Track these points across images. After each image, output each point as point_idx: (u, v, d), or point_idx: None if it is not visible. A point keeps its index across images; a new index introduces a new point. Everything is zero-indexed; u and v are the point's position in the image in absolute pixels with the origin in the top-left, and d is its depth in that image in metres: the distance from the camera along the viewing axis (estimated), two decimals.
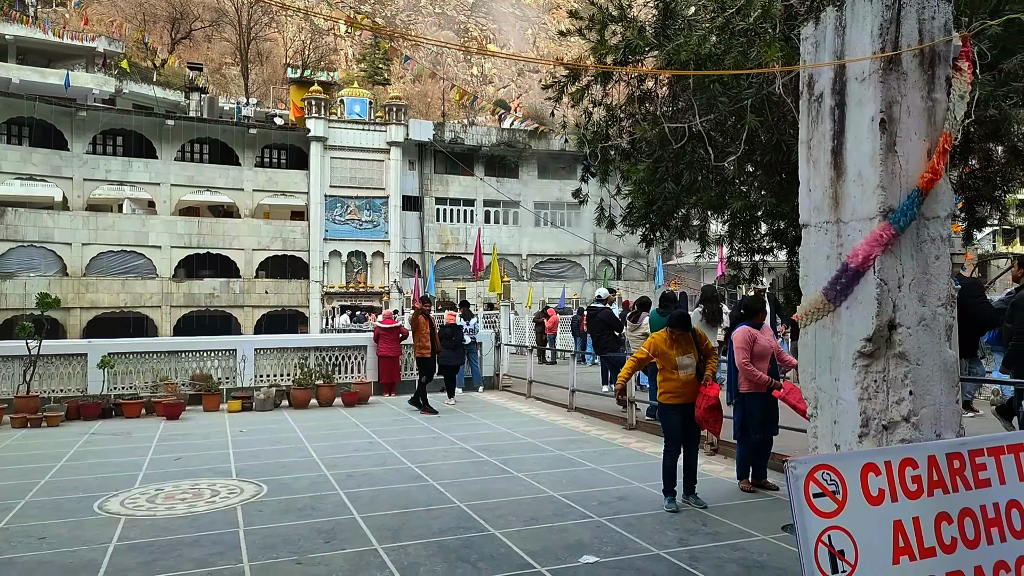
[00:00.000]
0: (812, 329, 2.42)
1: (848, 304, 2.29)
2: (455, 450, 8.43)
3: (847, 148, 2.33)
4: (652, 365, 9.25)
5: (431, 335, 11.88)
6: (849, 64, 2.29)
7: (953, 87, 2.28)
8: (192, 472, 7.36)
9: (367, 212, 40.69)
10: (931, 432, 2.25)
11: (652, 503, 6.05)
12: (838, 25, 2.36)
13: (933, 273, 2.26)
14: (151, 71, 51.93)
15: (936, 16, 2.30)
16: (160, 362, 12.11)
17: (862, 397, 2.26)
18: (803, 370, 2.50)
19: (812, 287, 2.44)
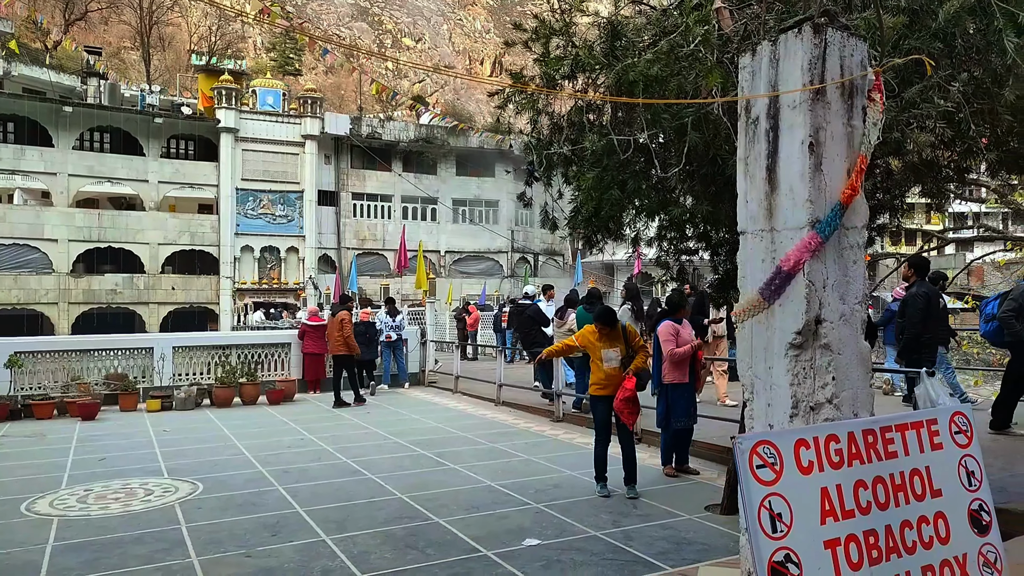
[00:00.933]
0: (749, 324, 2.76)
1: (781, 302, 2.63)
2: (389, 444, 8.56)
3: (780, 166, 2.67)
4: (582, 359, 9.68)
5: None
6: (782, 93, 2.63)
7: (868, 115, 2.66)
8: (120, 472, 7.22)
9: (281, 206, 39.80)
10: (850, 412, 2.62)
11: (585, 489, 6.39)
12: (772, 58, 2.71)
13: (851, 275, 2.64)
14: (42, 53, 48.97)
15: (854, 53, 2.67)
16: (71, 361, 11.64)
17: (792, 383, 2.61)
18: (740, 360, 2.84)
19: (749, 287, 2.78)
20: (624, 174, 3.64)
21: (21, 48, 42.14)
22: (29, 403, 10.60)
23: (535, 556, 4.76)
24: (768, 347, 2.70)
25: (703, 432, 7.37)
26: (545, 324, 10.73)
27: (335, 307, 12.73)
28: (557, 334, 9.94)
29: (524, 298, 11.10)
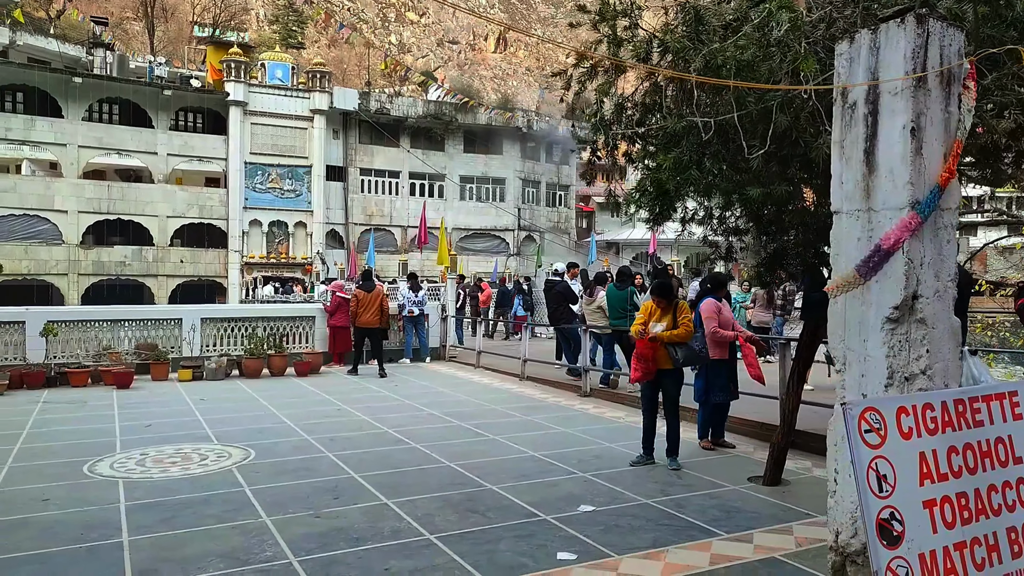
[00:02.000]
0: (842, 299, 2.92)
1: (878, 278, 2.79)
2: (424, 416, 8.76)
3: (879, 149, 2.82)
4: (609, 337, 9.86)
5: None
6: (884, 80, 2.77)
7: (963, 102, 2.80)
8: (169, 438, 7.41)
9: (289, 181, 39.79)
10: (941, 382, 2.79)
11: (626, 460, 6.58)
12: (872, 46, 2.84)
13: (945, 254, 2.80)
14: (46, 23, 48.64)
15: (952, 43, 2.80)
16: (102, 331, 11.81)
17: (888, 355, 2.77)
18: (832, 333, 3.00)
19: (843, 265, 2.93)
20: (700, 154, 3.77)
21: (25, 17, 41.85)
22: (64, 371, 10.78)
23: (592, 521, 4.95)
24: (863, 321, 2.86)
25: (734, 407, 7.56)
26: (573, 301, 10.88)
27: (362, 283, 12.97)
28: (586, 311, 10.11)
29: (553, 275, 11.24)
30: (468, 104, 43.52)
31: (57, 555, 4.32)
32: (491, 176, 45.81)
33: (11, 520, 4.90)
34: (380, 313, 12.47)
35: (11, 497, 5.41)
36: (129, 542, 4.53)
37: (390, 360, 14.12)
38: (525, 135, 46.08)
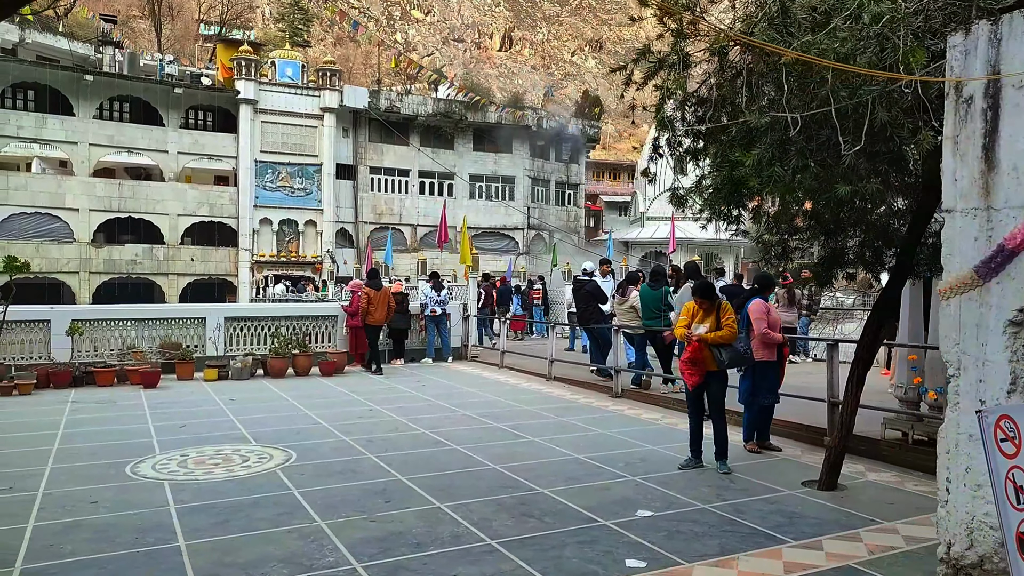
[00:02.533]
0: (956, 301, 2.82)
1: (999, 279, 2.69)
2: (458, 416, 8.66)
3: (1000, 145, 2.71)
4: (642, 337, 9.75)
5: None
6: (1004, 72, 2.66)
7: None
8: (207, 439, 7.33)
9: (299, 179, 39.73)
10: None
11: (672, 463, 6.48)
12: (992, 37, 2.73)
13: None
14: (54, 21, 48.63)
15: None
16: (126, 329, 11.74)
17: (1012, 359, 2.67)
18: (945, 336, 2.90)
19: (957, 265, 2.83)
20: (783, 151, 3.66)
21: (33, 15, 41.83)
22: (91, 370, 10.70)
23: (653, 527, 4.85)
24: (981, 324, 2.75)
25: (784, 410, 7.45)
26: (603, 301, 10.78)
27: (369, 281, 12.96)
28: (618, 311, 10.00)
29: (583, 275, 11.13)
30: (479, 102, 43.38)
31: (116, 559, 4.23)
32: (500, 174, 45.71)
33: (64, 523, 4.82)
34: (388, 311, 12.67)
35: (59, 499, 5.32)
36: (186, 546, 4.44)
37: (412, 360, 14.08)
38: (534, 133, 45.96)
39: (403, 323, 13.66)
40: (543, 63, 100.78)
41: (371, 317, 12.43)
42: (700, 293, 6.37)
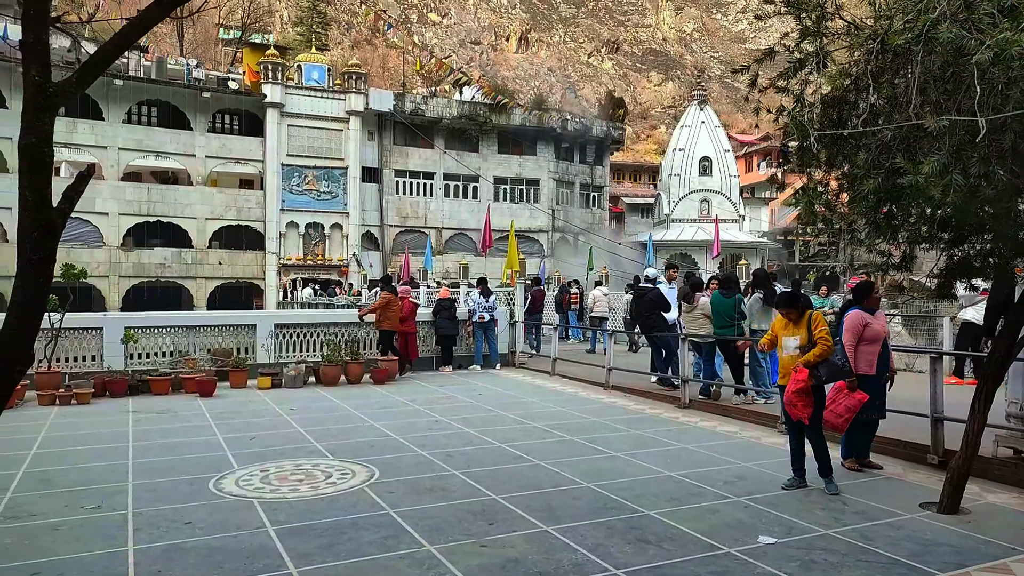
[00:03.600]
0: None
1: None
2: (528, 428, 8.43)
3: None
4: (711, 346, 9.49)
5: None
6: None
7: None
8: (282, 453, 7.14)
9: (325, 183, 39.77)
10: None
11: (771, 481, 6.21)
12: None
13: None
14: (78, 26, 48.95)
15: None
16: (179, 337, 11.62)
17: None
18: None
19: None
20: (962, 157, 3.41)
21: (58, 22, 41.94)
22: (146, 378, 10.57)
23: (782, 555, 4.59)
24: None
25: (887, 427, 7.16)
26: (666, 309, 10.51)
27: (385, 287, 12.86)
28: (685, 319, 9.73)
29: (644, 281, 10.86)
30: (506, 104, 43.17)
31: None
32: (525, 177, 45.54)
33: (164, 547, 4.63)
34: (400, 317, 12.61)
35: (152, 520, 5.14)
36: (298, 573, 4.23)
37: (459, 367, 13.88)
38: (559, 135, 45.76)
39: (451, 330, 13.49)
40: (559, 65, 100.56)
41: (388, 323, 12.36)
42: (785, 303, 6.09)
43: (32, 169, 2.63)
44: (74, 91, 2.82)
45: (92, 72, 2.88)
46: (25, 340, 2.63)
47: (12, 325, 2.59)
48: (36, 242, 2.60)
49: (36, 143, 2.60)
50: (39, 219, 2.65)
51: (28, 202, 2.64)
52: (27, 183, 2.62)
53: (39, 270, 2.65)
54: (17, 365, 2.60)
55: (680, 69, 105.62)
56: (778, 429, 8.21)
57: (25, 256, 2.67)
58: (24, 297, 2.59)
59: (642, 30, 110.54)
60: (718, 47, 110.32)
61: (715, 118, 52.05)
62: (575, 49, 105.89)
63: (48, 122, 2.70)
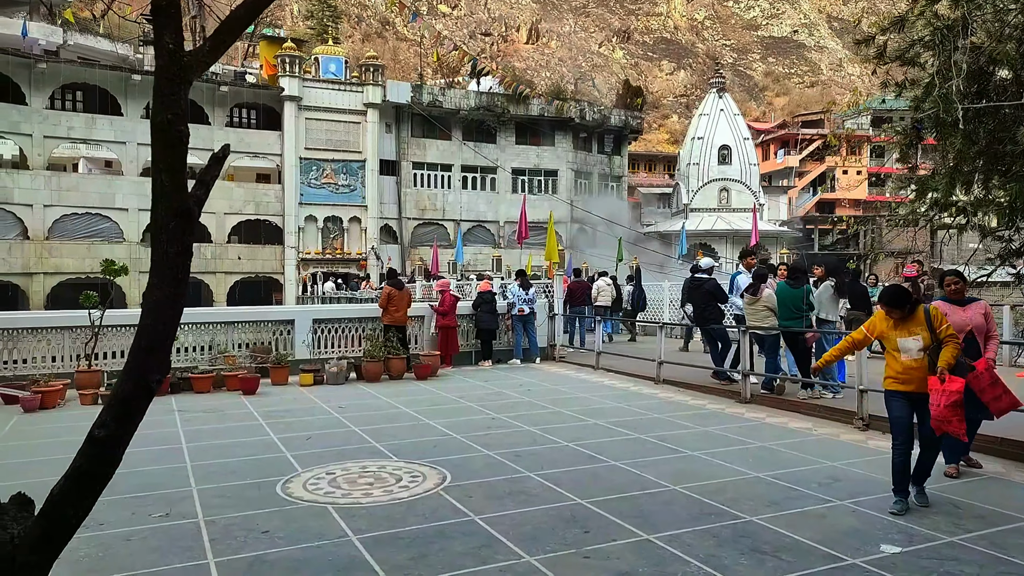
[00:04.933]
0: None
1: None
2: (591, 426, 8.09)
3: None
4: (774, 339, 9.09)
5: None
6: None
7: None
8: (342, 453, 6.84)
9: (344, 176, 39.50)
10: None
11: (871, 483, 5.85)
12: None
13: None
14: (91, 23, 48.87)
15: None
16: (217, 333, 11.35)
17: None
18: None
19: None
20: None
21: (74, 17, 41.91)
22: (187, 376, 10.30)
23: (913, 566, 4.24)
24: None
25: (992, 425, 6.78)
26: (723, 300, 10.15)
27: (391, 280, 12.58)
28: (748, 311, 9.34)
29: (698, 272, 10.48)
30: (523, 94, 42.65)
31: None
32: (543, 168, 45.12)
33: (247, 559, 4.32)
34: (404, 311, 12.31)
35: (227, 528, 4.84)
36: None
37: (499, 361, 13.56)
38: (577, 125, 45.27)
39: (492, 323, 13.17)
40: (570, 55, 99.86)
41: (389, 316, 12.05)
42: (888, 301, 5.32)
43: (168, 149, 2.31)
44: (208, 61, 2.49)
45: (224, 40, 2.56)
46: (163, 345, 2.32)
47: (149, 329, 2.28)
48: (173, 233, 2.28)
49: (172, 119, 2.28)
50: (176, 207, 2.33)
51: (164, 187, 2.32)
52: (163, 165, 2.31)
53: (176, 264, 2.33)
54: (155, 374, 2.29)
55: (692, 58, 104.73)
56: (854, 425, 7.85)
57: (161, 249, 2.35)
58: (161, 296, 2.28)
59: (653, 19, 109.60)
60: (730, 35, 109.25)
61: (734, 106, 51.44)
62: (586, 39, 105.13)
63: (184, 96, 2.38)
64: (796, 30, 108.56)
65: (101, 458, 2.23)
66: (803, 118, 73.95)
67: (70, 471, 2.23)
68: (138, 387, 2.23)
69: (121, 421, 2.24)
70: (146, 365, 2.25)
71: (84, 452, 2.21)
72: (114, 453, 2.28)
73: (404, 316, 12.21)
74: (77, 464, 2.22)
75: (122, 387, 2.25)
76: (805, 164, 68.64)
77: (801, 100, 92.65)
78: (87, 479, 2.25)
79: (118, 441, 2.26)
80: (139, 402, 2.26)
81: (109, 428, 2.22)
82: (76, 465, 2.22)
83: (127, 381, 2.25)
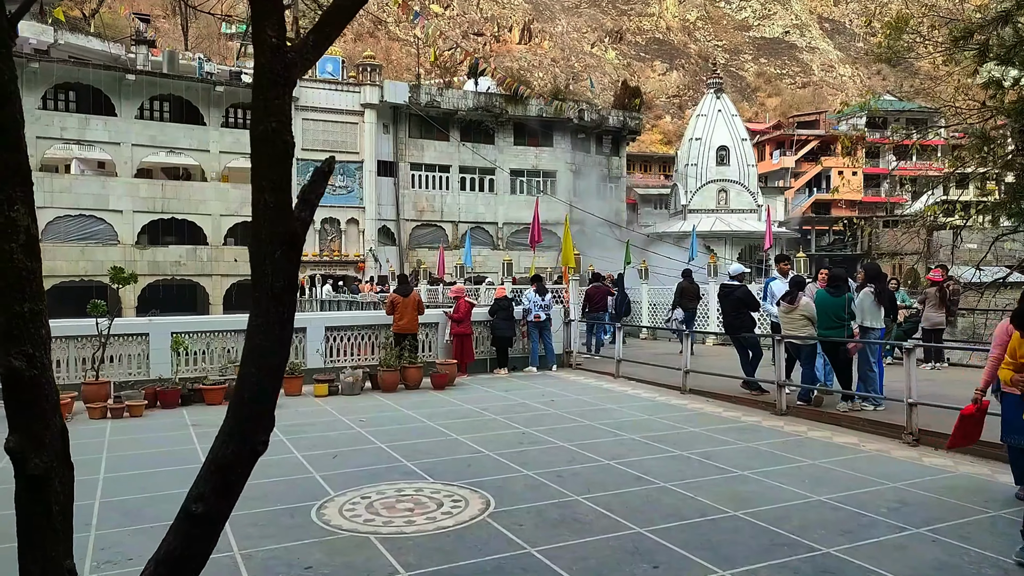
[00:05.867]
0: None
1: None
2: (628, 441, 7.75)
3: None
4: (811, 348, 8.76)
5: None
6: None
7: None
8: (374, 474, 6.46)
9: (341, 177, 39.05)
10: None
11: (943, 508, 5.52)
12: None
13: None
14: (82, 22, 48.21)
15: None
16: (226, 341, 10.95)
17: None
18: None
19: None
20: None
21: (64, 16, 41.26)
22: (198, 388, 9.90)
23: None
24: None
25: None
26: (755, 308, 9.82)
27: (398, 286, 12.20)
28: (783, 319, 9.02)
29: (729, 278, 10.15)
30: (522, 94, 42.27)
31: None
32: (541, 168, 44.79)
33: None
34: (411, 319, 11.89)
35: (266, 563, 4.47)
36: None
37: (514, 368, 13.21)
38: (576, 126, 44.95)
39: (508, 331, 12.81)
40: (563, 55, 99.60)
41: (395, 324, 11.71)
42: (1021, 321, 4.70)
43: (273, 164, 1.96)
44: (313, 58, 2.14)
45: (329, 34, 2.20)
46: (270, 398, 1.95)
47: (251, 380, 1.92)
48: (280, 264, 1.91)
49: (277, 128, 1.92)
50: (283, 232, 1.96)
51: (269, 209, 1.96)
52: (267, 183, 1.96)
53: (283, 302, 1.96)
54: (262, 434, 1.92)
55: (684, 58, 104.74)
56: (903, 441, 7.53)
57: (266, 284, 1.98)
58: (267, 342, 1.91)
59: (645, 19, 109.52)
60: (722, 35, 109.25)
61: (731, 107, 51.26)
62: (578, 39, 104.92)
63: (288, 100, 2.02)
64: (788, 31, 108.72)
65: (200, 537, 1.87)
66: (798, 119, 74.07)
67: (163, 555, 1.86)
68: (241, 451, 1.87)
69: (222, 494, 1.88)
70: (251, 424, 1.88)
71: (179, 531, 1.85)
72: (213, 530, 1.91)
73: (411, 323, 11.79)
74: (172, 546, 1.85)
75: (222, 451, 1.88)
76: (801, 165, 68.74)
77: (793, 101, 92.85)
78: (184, 564, 1.88)
79: (218, 517, 1.90)
80: (242, 468, 1.89)
81: (208, 502, 1.87)
82: (171, 548, 1.85)
83: (228, 444, 1.88)
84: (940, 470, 6.57)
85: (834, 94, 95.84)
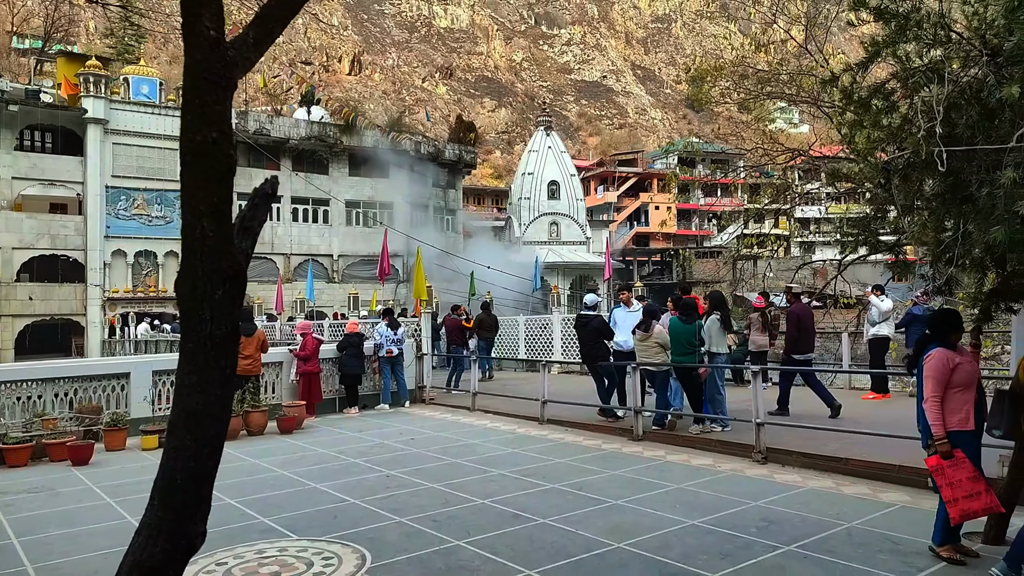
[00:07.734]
0: None
1: None
2: (498, 478, 7.54)
3: None
4: (664, 375, 9.05)
5: None
6: None
7: None
8: (229, 535, 5.77)
9: (158, 207, 36.24)
10: None
11: (806, 524, 5.80)
12: None
13: None
14: None
15: None
16: (31, 391, 9.53)
17: None
18: None
19: None
20: None
21: None
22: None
23: None
24: None
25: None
26: (609, 337, 10.03)
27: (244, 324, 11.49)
28: (639, 347, 9.26)
29: (585, 309, 10.31)
30: (361, 125, 41.58)
31: None
32: (378, 200, 44.07)
33: None
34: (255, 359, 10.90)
35: None
36: None
37: (364, 407, 12.64)
38: (412, 158, 44.79)
39: (358, 367, 12.23)
40: (394, 88, 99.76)
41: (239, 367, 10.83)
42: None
43: (211, 182, 1.56)
44: (254, 57, 1.75)
45: (272, 29, 1.82)
46: (209, 476, 1.52)
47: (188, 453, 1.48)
48: (220, 306, 1.50)
49: (217, 139, 1.53)
50: (225, 267, 1.54)
51: (208, 237, 1.54)
52: (204, 207, 1.58)
53: (225, 353, 1.54)
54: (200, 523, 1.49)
55: (512, 96, 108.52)
56: (753, 459, 7.92)
57: (203, 333, 1.55)
58: (204, 403, 1.49)
59: (475, 57, 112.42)
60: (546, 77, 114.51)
61: (560, 144, 53.54)
62: (409, 73, 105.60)
63: (229, 106, 1.63)
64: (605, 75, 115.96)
65: None
66: (618, 157, 78.97)
67: None
68: (175, 547, 1.44)
69: None
70: (187, 511, 1.46)
71: None
72: None
73: (254, 364, 10.92)
74: None
75: (148, 550, 1.44)
76: (622, 200, 73.16)
77: (611, 140, 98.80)
78: None
79: None
80: (176, 570, 1.46)
81: None
82: None
83: (155, 540, 1.45)
84: (792, 486, 6.95)
85: (647, 135, 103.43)
